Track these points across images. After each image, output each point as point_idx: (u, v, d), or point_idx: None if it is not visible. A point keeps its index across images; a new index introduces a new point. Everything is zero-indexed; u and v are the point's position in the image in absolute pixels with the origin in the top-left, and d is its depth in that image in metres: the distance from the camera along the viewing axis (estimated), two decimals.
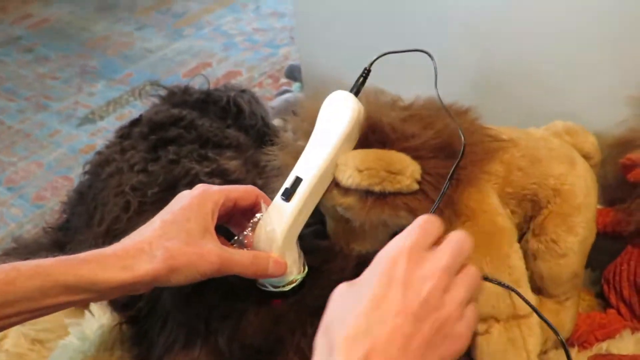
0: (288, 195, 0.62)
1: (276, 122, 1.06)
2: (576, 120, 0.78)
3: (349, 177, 0.60)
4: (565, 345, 0.60)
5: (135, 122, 0.88)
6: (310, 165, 0.62)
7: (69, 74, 1.80)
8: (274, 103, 1.26)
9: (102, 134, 1.52)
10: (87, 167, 0.87)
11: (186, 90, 0.95)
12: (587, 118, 0.78)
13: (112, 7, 2.15)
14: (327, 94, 0.66)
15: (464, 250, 0.48)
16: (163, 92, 0.96)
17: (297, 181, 0.62)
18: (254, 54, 1.73)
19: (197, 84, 0.99)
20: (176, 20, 2.00)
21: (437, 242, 0.49)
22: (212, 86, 1.00)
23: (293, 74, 1.34)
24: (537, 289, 0.72)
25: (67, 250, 0.82)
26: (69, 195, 0.90)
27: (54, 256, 0.83)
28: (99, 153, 0.87)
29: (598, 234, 0.78)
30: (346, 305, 0.45)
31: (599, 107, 0.80)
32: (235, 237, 0.63)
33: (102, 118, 1.59)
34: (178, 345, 0.66)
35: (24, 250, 0.89)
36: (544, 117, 0.79)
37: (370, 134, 0.63)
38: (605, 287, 0.78)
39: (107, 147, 0.87)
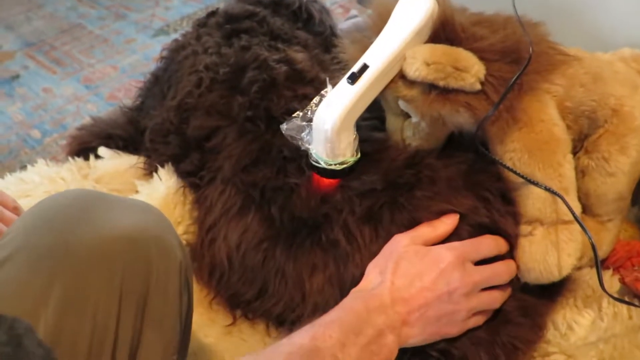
0: (354, 79, 0.65)
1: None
2: None
3: (416, 70, 0.63)
4: (594, 248, 0.62)
5: (211, 14, 0.93)
6: (379, 54, 0.65)
7: None
8: (342, 25, 1.28)
9: None
10: (164, 53, 0.92)
11: None
12: None
13: None
14: None
15: (496, 278, 0.65)
16: None
17: (364, 67, 0.65)
18: None
19: None
20: None
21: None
22: None
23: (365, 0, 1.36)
24: (582, 208, 0.73)
25: (141, 127, 0.89)
26: (145, 79, 0.96)
27: (128, 132, 0.90)
28: (175, 40, 0.92)
29: None
30: (402, 262, 0.62)
31: None
32: (298, 112, 0.67)
33: (175, 31, 1.65)
34: (234, 210, 0.72)
35: (101, 124, 0.96)
36: (613, 46, 0.79)
37: (441, 31, 0.65)
38: None
39: (184, 35, 0.92)
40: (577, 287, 0.74)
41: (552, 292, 0.72)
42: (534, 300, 0.70)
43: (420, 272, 0.61)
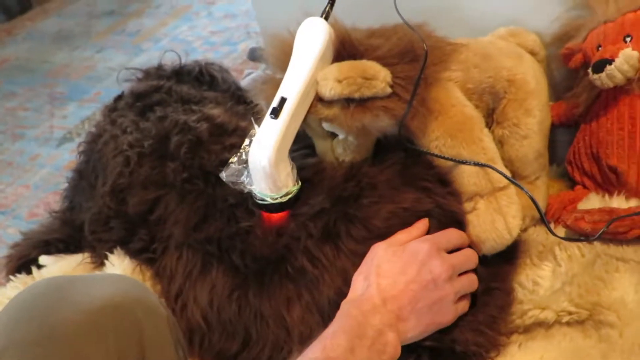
0: (276, 113, 0.68)
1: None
2: (518, 26, 0.87)
3: (330, 89, 0.67)
4: (533, 199, 0.67)
5: (118, 98, 0.94)
6: (293, 84, 0.69)
7: (39, 103, 1.85)
8: (242, 84, 1.32)
9: None
10: (82, 147, 0.92)
11: (160, 67, 1.02)
12: (526, 23, 0.87)
13: (68, 38, 2.20)
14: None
15: (469, 263, 0.69)
16: (139, 74, 1.02)
17: (283, 100, 0.69)
18: (214, 54, 1.80)
19: (169, 60, 1.06)
20: (133, 38, 2.07)
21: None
22: None
23: (255, 55, 1.41)
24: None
25: (77, 225, 0.87)
26: (67, 179, 0.95)
27: (64, 234, 0.88)
28: (90, 132, 0.93)
29: (555, 128, 0.87)
30: (383, 264, 0.65)
31: (535, 10, 0.88)
32: (233, 156, 0.70)
33: (79, 135, 1.64)
34: (196, 271, 0.72)
35: (34, 235, 0.93)
36: (489, 30, 0.88)
37: (342, 50, 0.70)
38: (569, 168, 0.86)
39: (96, 125, 0.92)
40: (529, 247, 0.79)
41: (509, 256, 0.76)
42: (497, 270, 0.74)
43: (402, 268, 0.64)
